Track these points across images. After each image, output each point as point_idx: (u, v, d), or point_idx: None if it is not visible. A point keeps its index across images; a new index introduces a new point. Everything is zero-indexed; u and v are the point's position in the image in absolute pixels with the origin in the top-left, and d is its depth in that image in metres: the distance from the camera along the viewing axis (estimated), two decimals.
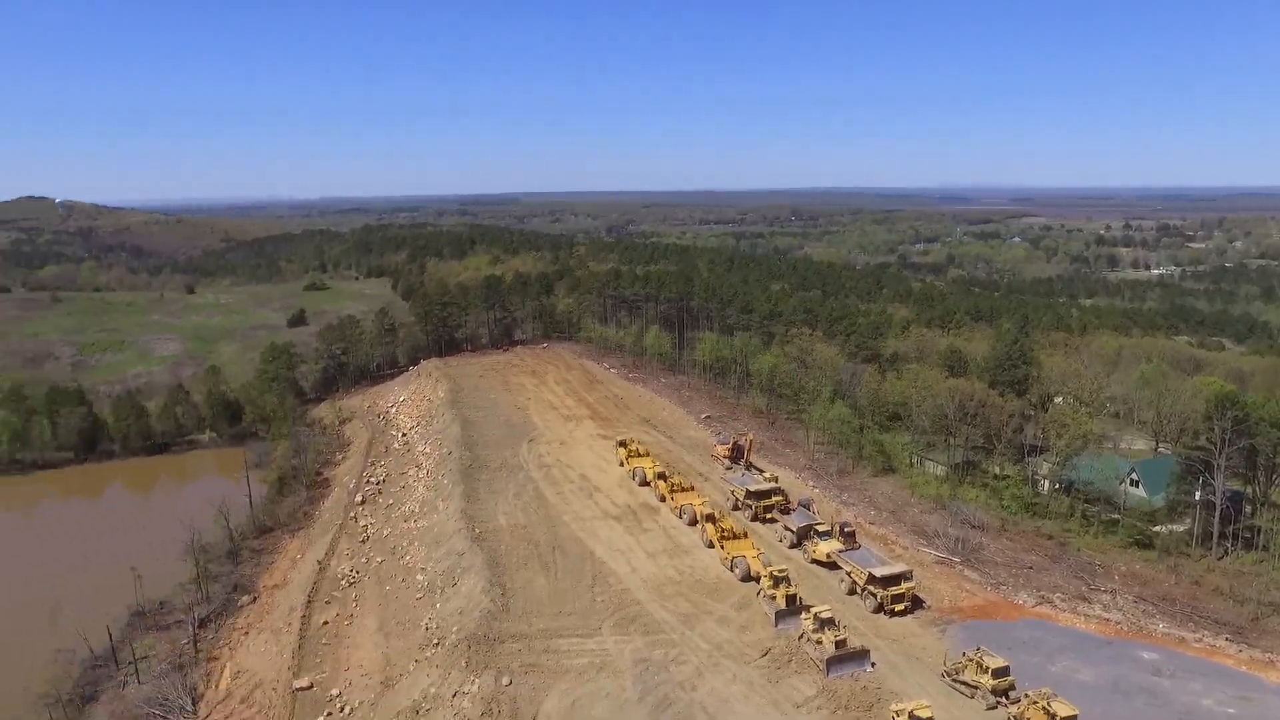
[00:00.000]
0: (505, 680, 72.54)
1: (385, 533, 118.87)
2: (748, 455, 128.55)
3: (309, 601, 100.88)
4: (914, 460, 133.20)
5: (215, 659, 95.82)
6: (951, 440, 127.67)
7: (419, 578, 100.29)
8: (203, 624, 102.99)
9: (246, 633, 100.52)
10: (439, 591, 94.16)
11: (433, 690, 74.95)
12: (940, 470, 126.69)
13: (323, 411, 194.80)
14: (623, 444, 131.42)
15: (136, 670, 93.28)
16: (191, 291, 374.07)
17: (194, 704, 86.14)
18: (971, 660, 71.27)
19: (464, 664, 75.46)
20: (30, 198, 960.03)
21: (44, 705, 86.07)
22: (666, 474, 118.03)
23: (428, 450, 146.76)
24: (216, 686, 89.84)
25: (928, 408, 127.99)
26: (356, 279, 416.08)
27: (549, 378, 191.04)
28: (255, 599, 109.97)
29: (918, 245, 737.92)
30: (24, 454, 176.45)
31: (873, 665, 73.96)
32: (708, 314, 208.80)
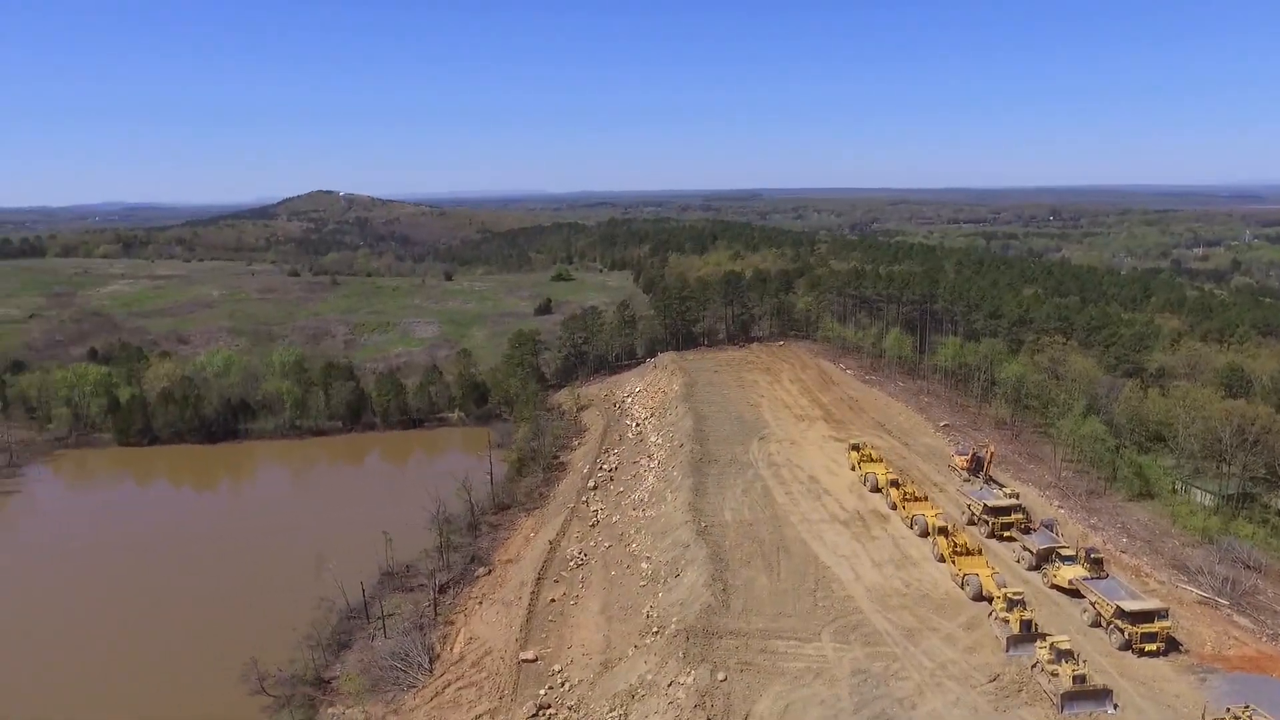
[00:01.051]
0: (720, 676, 72.20)
1: (614, 519, 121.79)
2: (987, 468, 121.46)
3: (539, 579, 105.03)
4: (1177, 487, 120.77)
5: (451, 623, 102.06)
6: (1225, 468, 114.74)
7: (643, 566, 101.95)
8: (442, 590, 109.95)
9: (480, 602, 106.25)
10: (662, 581, 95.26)
11: (649, 677, 75.84)
12: (1209, 500, 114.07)
13: (562, 398, 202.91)
14: (855, 447, 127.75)
15: (384, 626, 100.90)
16: (449, 279, 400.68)
17: (430, 662, 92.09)
18: (1238, 719, 63.44)
19: (681, 655, 75.80)
20: (320, 191, 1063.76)
21: (307, 645, 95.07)
22: (899, 481, 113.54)
23: (659, 441, 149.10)
24: (451, 649, 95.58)
25: (1197, 430, 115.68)
26: (600, 271, 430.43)
27: (783, 376, 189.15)
28: (490, 571, 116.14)
29: (1195, 249, 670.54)
30: (303, 421, 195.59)
31: (1115, 707, 67.41)
32: (952, 317, 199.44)
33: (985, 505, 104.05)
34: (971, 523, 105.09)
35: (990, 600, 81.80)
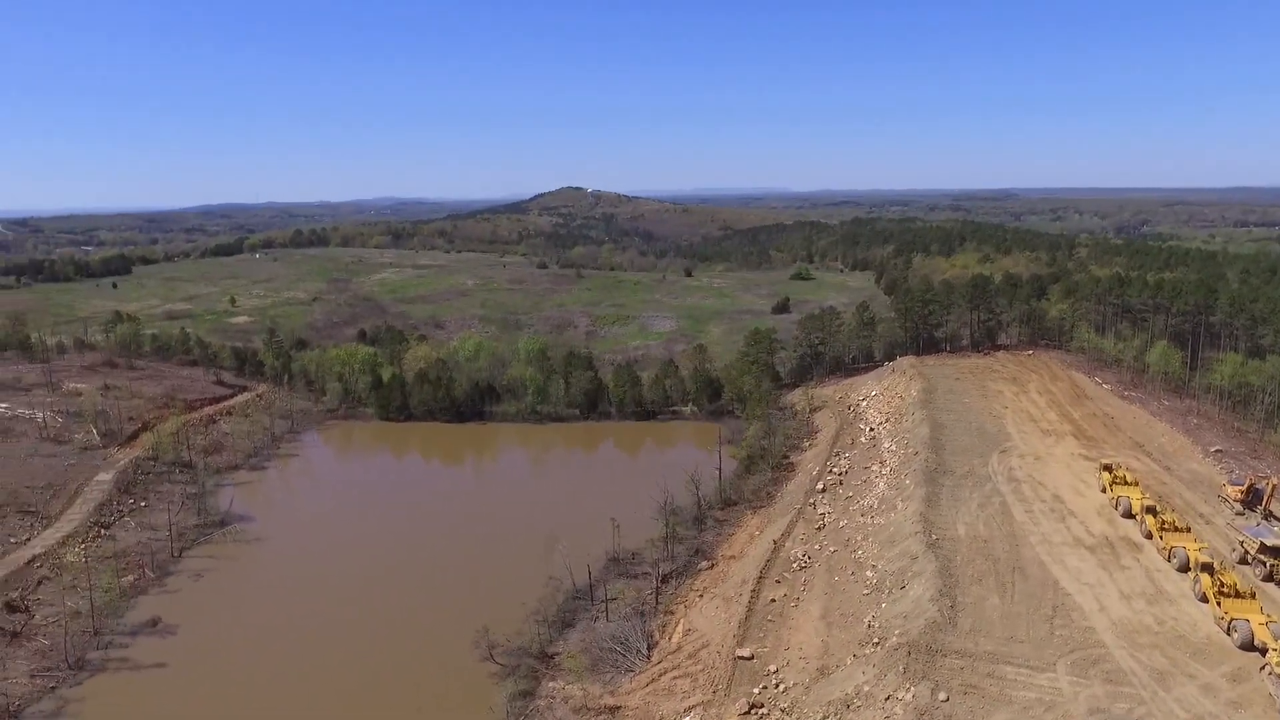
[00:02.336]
0: (942, 696, 68.51)
1: (841, 524, 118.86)
2: (1267, 502, 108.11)
3: (760, 577, 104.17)
4: None
5: (671, 613, 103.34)
6: None
7: (868, 574, 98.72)
8: (665, 579, 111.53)
9: (701, 595, 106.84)
10: (886, 592, 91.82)
11: (866, 688, 73.21)
12: None
13: (795, 398, 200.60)
14: (1108, 468, 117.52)
15: (607, 609, 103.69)
16: (689, 275, 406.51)
17: (648, 649, 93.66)
18: None
19: (901, 669, 72.62)
20: (570, 188, 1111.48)
21: (534, 620, 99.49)
22: (1157, 509, 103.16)
23: (893, 448, 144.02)
24: (669, 638, 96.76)
25: None
26: (841, 271, 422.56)
27: (1030, 387, 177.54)
28: (713, 565, 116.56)
29: None
30: (543, 407, 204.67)
31: None
32: (1232, 331, 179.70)
33: (1263, 544, 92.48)
34: (1244, 562, 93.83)
35: (1264, 652, 72.55)
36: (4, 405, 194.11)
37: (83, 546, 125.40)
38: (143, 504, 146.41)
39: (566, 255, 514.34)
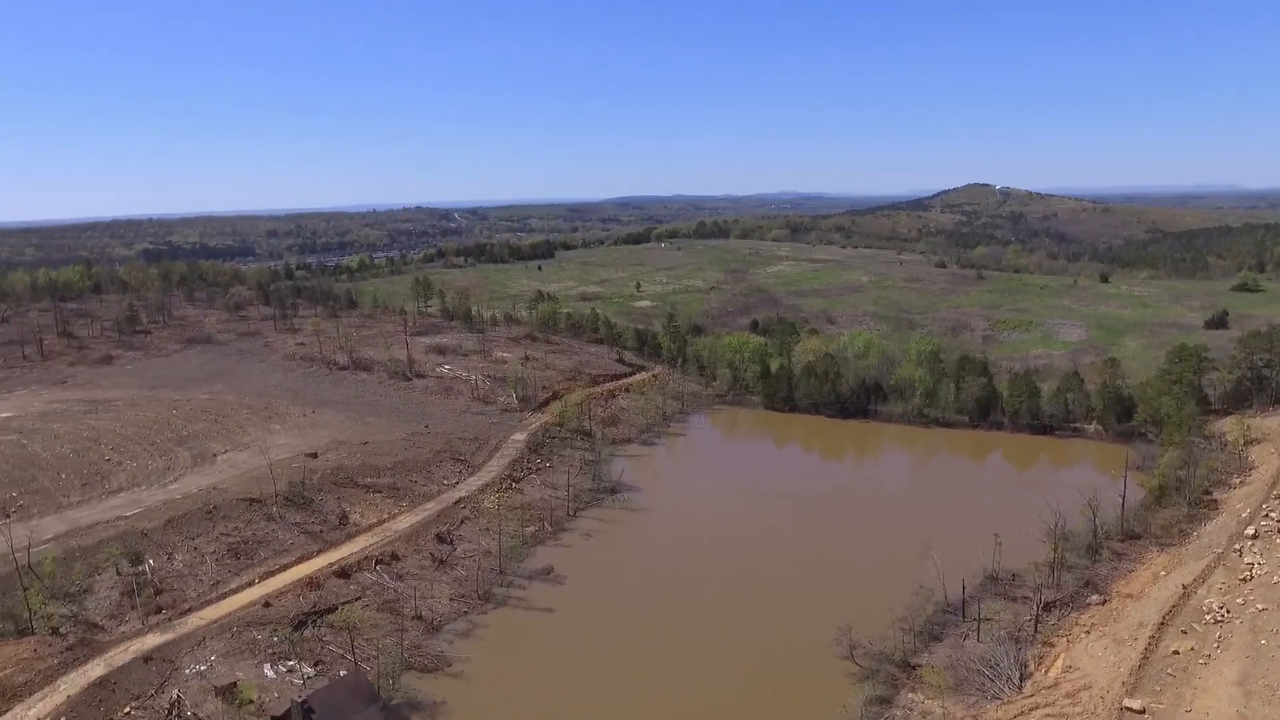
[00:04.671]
0: None
1: (1275, 579, 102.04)
2: None
3: (1162, 624, 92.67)
4: None
5: (1050, 645, 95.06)
6: None
7: None
8: (1047, 608, 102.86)
9: (1088, 631, 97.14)
10: None
11: None
12: None
13: (1227, 426, 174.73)
14: None
15: (979, 629, 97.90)
16: (1105, 280, 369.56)
17: (1020, 679, 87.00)
18: None
19: None
20: (976, 185, 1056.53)
21: (899, 627, 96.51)
22: None
23: None
24: (1045, 671, 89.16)
25: None
26: None
27: None
28: (1105, 601, 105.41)
29: None
30: (930, 410, 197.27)
31: None
32: None
33: None
34: None
35: None
36: (448, 367, 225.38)
37: (497, 496, 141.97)
38: (547, 464, 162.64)
39: (967, 255, 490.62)
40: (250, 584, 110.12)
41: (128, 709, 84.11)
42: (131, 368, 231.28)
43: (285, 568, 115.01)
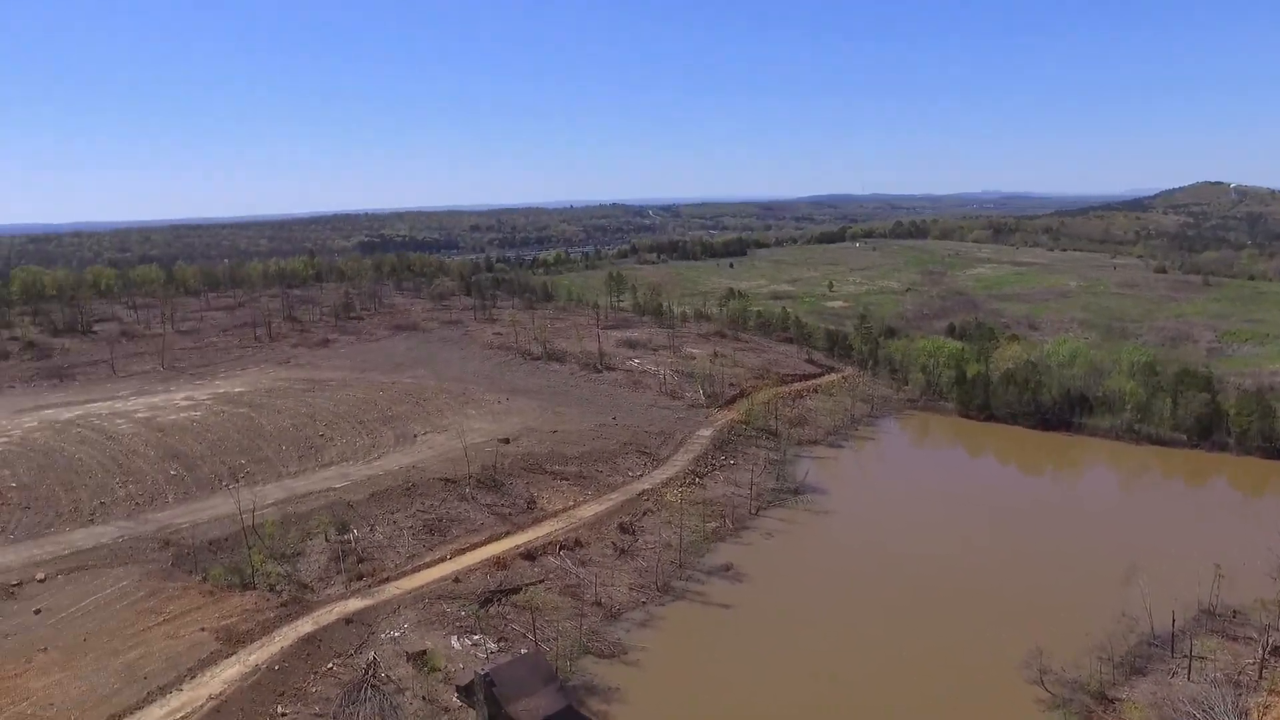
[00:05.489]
0: None
1: None
2: None
3: None
4: None
5: (1277, 694, 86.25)
6: None
7: None
8: (1275, 651, 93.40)
9: None
10: None
11: None
12: None
13: None
14: None
15: (1189, 667, 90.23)
16: None
17: None
18: None
19: None
20: (1205, 183, 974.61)
21: (1097, 656, 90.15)
22: None
23: None
24: None
25: None
26: None
27: None
28: None
29: None
30: (1142, 426, 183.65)
31: None
32: None
33: None
34: None
35: None
36: (638, 361, 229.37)
37: (681, 490, 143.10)
38: (731, 462, 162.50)
39: (1192, 259, 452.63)
40: (443, 559, 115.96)
41: (330, 664, 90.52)
42: (345, 351, 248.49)
43: (475, 546, 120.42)
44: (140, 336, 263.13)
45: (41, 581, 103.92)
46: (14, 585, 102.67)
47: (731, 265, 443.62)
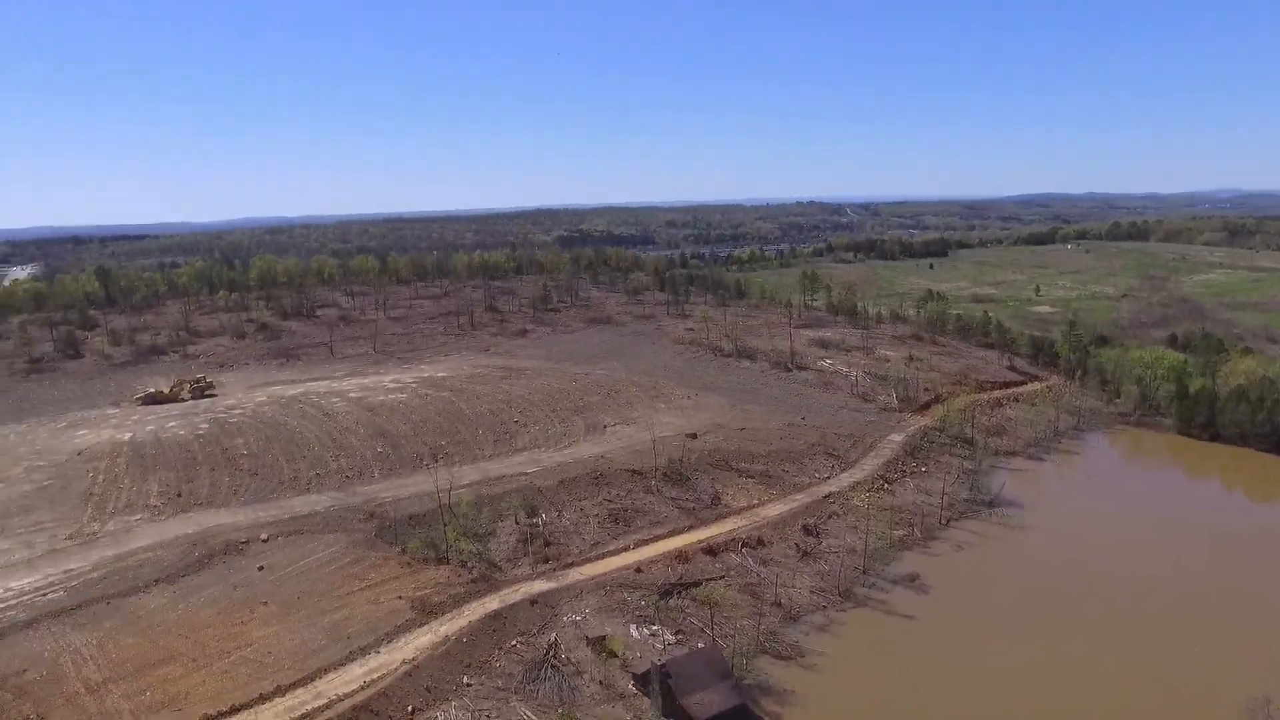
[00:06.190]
0: None
1: None
2: None
3: None
4: None
5: None
6: None
7: None
8: None
9: None
10: None
11: None
12: None
13: None
14: None
15: None
16: None
17: None
18: None
19: None
20: None
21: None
22: None
23: None
24: None
25: None
26: None
27: None
28: None
29: None
30: None
31: None
32: None
33: None
34: None
35: None
36: (830, 361, 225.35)
37: (868, 495, 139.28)
38: (923, 469, 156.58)
39: None
40: (626, 549, 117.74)
41: (514, 642, 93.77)
42: (542, 341, 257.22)
43: (658, 538, 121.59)
44: (356, 321, 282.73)
45: (265, 541, 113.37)
46: (243, 543, 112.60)
47: (931, 266, 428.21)
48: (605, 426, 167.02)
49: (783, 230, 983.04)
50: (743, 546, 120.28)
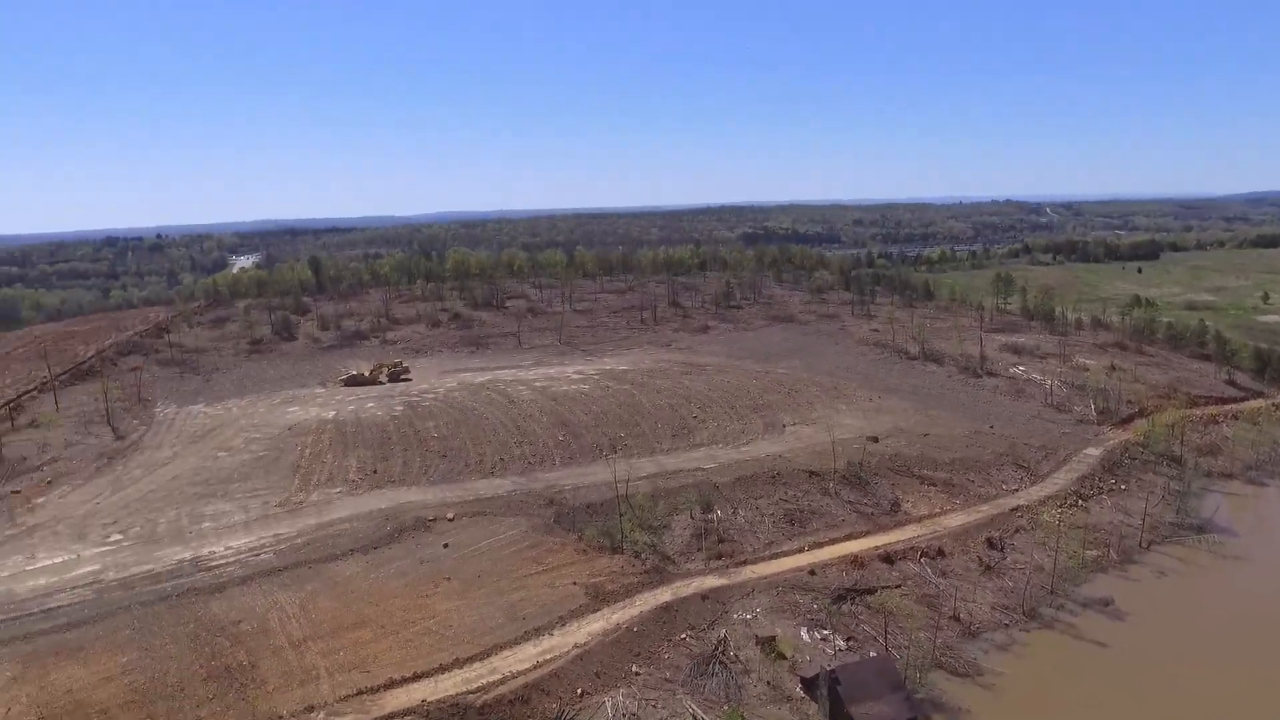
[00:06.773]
0: None
1: None
2: None
3: None
4: None
5: None
6: None
7: None
8: None
9: None
10: None
11: None
12: None
13: None
14: None
15: None
16: None
17: None
18: None
19: None
20: None
21: None
22: None
23: None
24: None
25: None
26: None
27: None
28: None
29: None
30: None
31: None
32: None
33: None
34: None
35: None
36: (1022, 368, 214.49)
37: (1059, 510, 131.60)
38: (1122, 487, 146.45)
39: None
40: (800, 550, 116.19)
41: (684, 635, 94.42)
42: (723, 338, 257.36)
43: (833, 541, 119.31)
44: (543, 313, 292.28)
45: (450, 520, 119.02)
46: (430, 520, 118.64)
47: (1140, 270, 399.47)
48: (784, 426, 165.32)
49: (976, 230, 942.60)
50: (921, 556, 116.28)
